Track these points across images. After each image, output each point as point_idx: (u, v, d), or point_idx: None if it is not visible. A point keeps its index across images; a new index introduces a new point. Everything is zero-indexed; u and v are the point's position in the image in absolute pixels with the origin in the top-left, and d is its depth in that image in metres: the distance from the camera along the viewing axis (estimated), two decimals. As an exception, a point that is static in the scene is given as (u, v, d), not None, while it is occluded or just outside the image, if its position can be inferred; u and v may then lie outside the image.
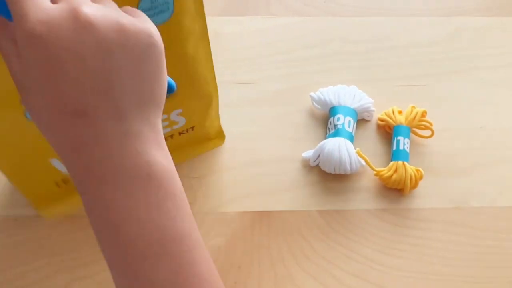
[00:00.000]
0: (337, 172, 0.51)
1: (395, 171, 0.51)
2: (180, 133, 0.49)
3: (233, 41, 0.62)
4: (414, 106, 0.54)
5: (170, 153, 0.33)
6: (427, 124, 0.53)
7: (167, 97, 0.31)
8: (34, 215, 0.49)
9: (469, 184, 0.53)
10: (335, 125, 0.53)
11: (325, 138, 0.53)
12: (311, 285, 0.47)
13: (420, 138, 0.54)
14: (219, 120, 0.52)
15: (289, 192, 0.52)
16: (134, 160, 0.26)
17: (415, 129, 0.54)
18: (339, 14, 0.64)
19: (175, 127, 0.48)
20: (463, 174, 0.53)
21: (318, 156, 0.52)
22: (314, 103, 0.56)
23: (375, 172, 0.51)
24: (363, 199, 0.51)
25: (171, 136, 0.49)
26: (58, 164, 0.45)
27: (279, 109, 0.57)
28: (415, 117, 0.53)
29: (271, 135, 0.55)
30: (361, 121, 0.56)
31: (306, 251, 0.48)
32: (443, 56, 0.62)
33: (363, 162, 0.51)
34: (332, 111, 0.54)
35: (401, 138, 0.52)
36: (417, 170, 0.51)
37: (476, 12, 0.66)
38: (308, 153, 0.53)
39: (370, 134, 0.55)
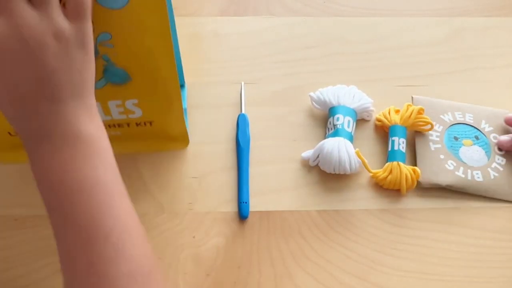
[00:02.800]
0: (337, 172, 0.51)
1: (390, 172, 0.50)
2: (137, 124, 0.49)
3: (233, 41, 0.62)
4: (410, 104, 0.54)
5: (128, 140, 0.50)
6: (425, 121, 0.53)
7: (121, 84, 0.41)
8: (34, 215, 0.49)
9: (469, 184, 0.53)
10: (334, 125, 0.53)
11: (325, 138, 0.53)
12: (311, 285, 0.47)
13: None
14: (184, 124, 0.51)
15: (289, 192, 0.52)
16: (65, 127, 0.34)
17: (415, 126, 0.53)
18: (339, 14, 0.64)
19: (131, 116, 0.48)
20: (463, 174, 0.53)
21: (318, 156, 0.52)
22: (314, 103, 0.56)
23: (371, 174, 0.51)
24: (362, 199, 0.51)
25: (128, 124, 0.49)
26: None
27: (279, 109, 0.57)
28: (410, 115, 0.53)
29: (270, 135, 0.55)
30: (360, 121, 0.56)
31: (306, 251, 0.48)
32: (443, 56, 0.62)
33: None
34: (332, 111, 0.54)
35: (395, 138, 0.52)
36: (414, 170, 0.51)
37: (476, 12, 0.66)
38: (308, 153, 0.53)
39: (370, 134, 0.55)
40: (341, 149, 0.50)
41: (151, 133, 0.51)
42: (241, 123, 0.54)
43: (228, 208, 0.50)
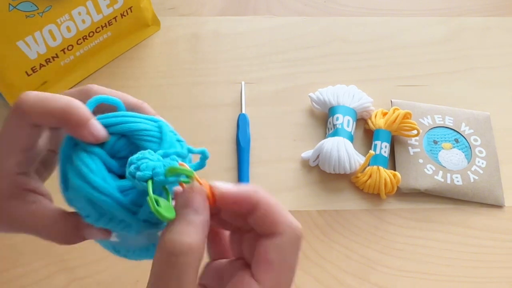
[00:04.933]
0: (337, 172, 0.51)
1: (370, 176, 0.50)
2: (121, 15, 0.57)
3: (233, 41, 0.62)
4: (397, 108, 0.54)
5: (116, 40, 0.59)
6: (411, 126, 0.52)
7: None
8: (34, 215, 0.49)
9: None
10: (334, 125, 0.53)
11: (325, 138, 0.53)
12: (311, 285, 0.47)
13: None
14: (151, 5, 0.61)
15: (289, 192, 0.52)
16: None
17: (400, 131, 0.53)
18: (339, 14, 0.64)
19: (115, 6, 0.56)
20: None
21: (318, 156, 0.52)
22: (313, 103, 0.56)
23: (352, 177, 0.51)
24: (363, 199, 0.51)
25: (115, 19, 0.57)
26: (25, 48, 0.50)
27: (279, 109, 0.57)
28: (395, 120, 0.52)
29: (270, 135, 0.55)
30: (361, 121, 0.56)
31: (306, 251, 0.48)
32: (443, 56, 0.62)
33: (362, 162, 0.51)
34: (331, 111, 0.54)
35: (378, 143, 0.52)
36: (394, 174, 0.50)
37: (476, 12, 0.66)
38: (308, 153, 0.53)
39: (370, 134, 0.55)
40: (340, 148, 0.50)
41: (132, 23, 0.59)
42: (241, 123, 0.54)
43: (228, 208, 0.50)
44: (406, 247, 0.49)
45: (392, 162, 0.53)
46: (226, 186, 0.25)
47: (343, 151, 0.50)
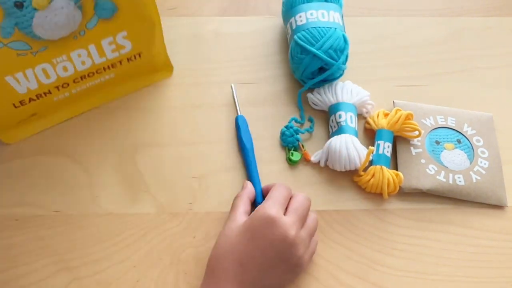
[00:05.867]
0: (347, 169, 0.51)
1: (373, 175, 0.50)
2: (128, 60, 0.52)
3: (233, 41, 0.62)
4: (399, 109, 0.54)
5: (121, 81, 0.54)
6: (413, 127, 0.52)
7: (110, 18, 0.44)
8: (35, 215, 0.49)
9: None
10: (338, 123, 0.52)
11: (330, 137, 0.53)
12: (311, 285, 0.47)
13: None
14: (165, 50, 0.56)
15: (289, 192, 0.51)
16: None
17: (402, 132, 0.53)
18: (339, 14, 0.64)
19: (122, 51, 0.51)
20: (463, 174, 0.53)
21: (327, 156, 0.52)
22: (312, 103, 0.56)
23: (354, 176, 0.51)
24: (363, 199, 0.51)
25: (120, 62, 0.52)
26: (14, 83, 0.46)
27: (279, 109, 0.57)
28: (398, 120, 0.52)
29: (270, 135, 0.55)
30: (360, 121, 0.56)
31: (306, 251, 0.48)
32: (443, 56, 0.62)
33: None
34: (332, 109, 0.54)
35: (381, 142, 0.52)
36: (397, 174, 0.50)
37: (476, 12, 0.66)
38: (317, 156, 0.53)
39: (370, 133, 0.55)
40: (349, 146, 0.50)
41: (140, 67, 0.54)
42: (241, 125, 0.54)
43: (228, 208, 0.50)
44: (407, 247, 0.49)
45: (393, 162, 0.53)
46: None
47: (352, 148, 0.50)
